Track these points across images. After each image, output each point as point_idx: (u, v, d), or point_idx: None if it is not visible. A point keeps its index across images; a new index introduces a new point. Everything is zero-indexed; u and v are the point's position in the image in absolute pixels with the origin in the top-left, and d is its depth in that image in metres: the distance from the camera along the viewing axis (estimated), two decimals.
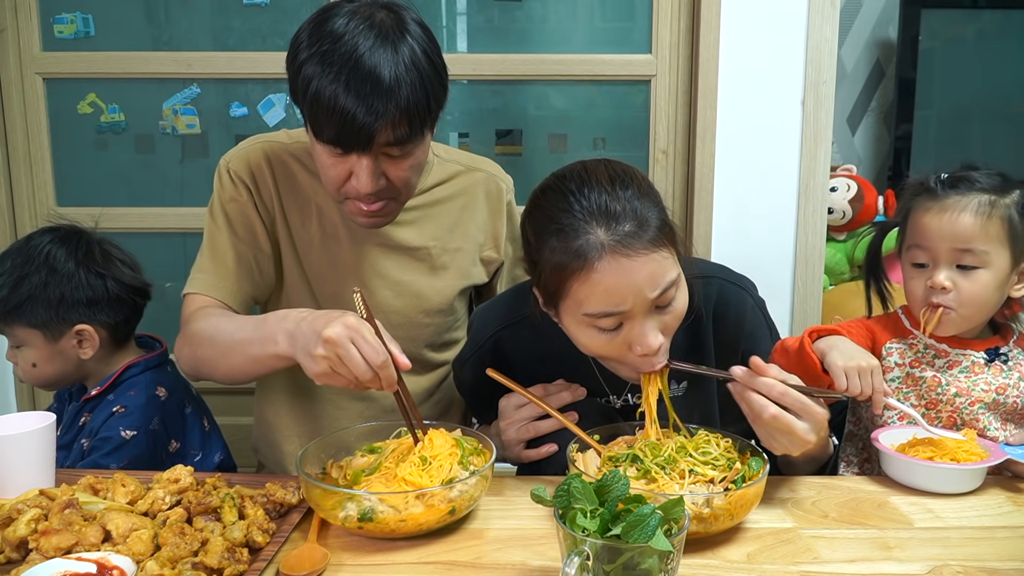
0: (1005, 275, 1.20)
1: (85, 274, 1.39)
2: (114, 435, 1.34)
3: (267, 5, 2.16)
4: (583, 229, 0.99)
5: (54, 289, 1.36)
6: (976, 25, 2.80)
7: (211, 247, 1.33)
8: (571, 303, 1.03)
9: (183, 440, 1.45)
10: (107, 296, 1.40)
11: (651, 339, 1.03)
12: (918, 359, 1.27)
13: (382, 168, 1.18)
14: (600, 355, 1.10)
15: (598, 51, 2.20)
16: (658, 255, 1.00)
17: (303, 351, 1.03)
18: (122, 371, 1.42)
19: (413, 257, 1.39)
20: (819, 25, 2.03)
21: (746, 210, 2.12)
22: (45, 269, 1.37)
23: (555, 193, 1.04)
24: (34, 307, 1.36)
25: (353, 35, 1.09)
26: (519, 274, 1.54)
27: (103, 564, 0.83)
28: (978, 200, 1.19)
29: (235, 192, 1.33)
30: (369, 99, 1.08)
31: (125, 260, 1.46)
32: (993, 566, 0.92)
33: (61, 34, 2.16)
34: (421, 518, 0.95)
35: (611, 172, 1.04)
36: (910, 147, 2.76)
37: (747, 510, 0.98)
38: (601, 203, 1.00)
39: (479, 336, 1.27)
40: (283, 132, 1.41)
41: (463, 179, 1.44)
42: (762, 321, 1.25)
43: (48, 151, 2.21)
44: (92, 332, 1.39)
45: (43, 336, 1.38)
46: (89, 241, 1.43)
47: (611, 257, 0.98)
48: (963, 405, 1.23)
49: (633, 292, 1.00)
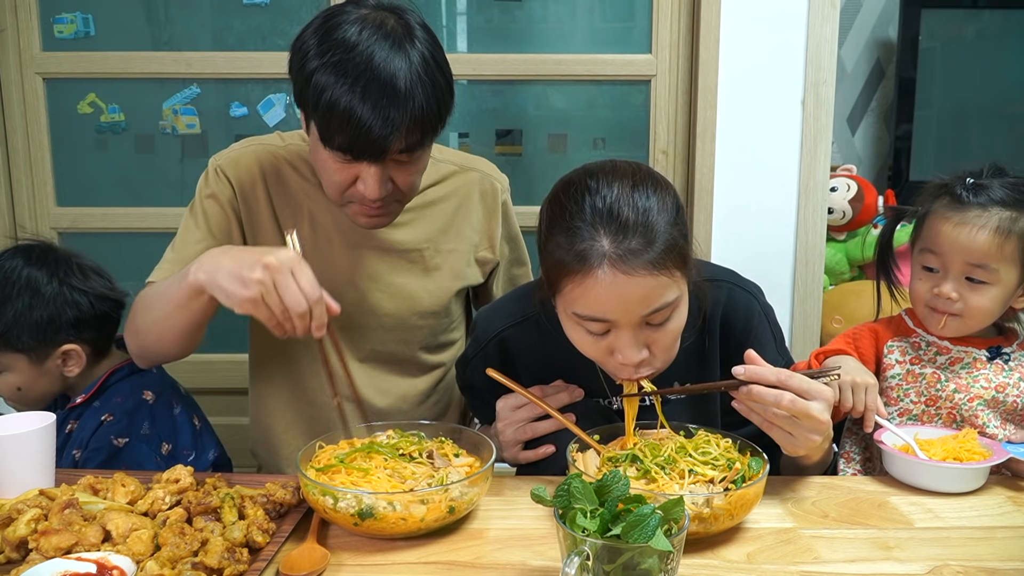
0: (1012, 291, 1.21)
1: (69, 293, 1.36)
2: (105, 445, 1.33)
3: (267, 5, 2.16)
4: (589, 234, 0.99)
5: (40, 312, 1.33)
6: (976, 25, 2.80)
7: (181, 241, 1.32)
8: (565, 299, 1.04)
9: (175, 441, 1.43)
10: (92, 313, 1.39)
11: (631, 352, 1.03)
12: (919, 356, 1.28)
13: (389, 174, 1.18)
14: (586, 354, 1.10)
15: (598, 51, 2.20)
16: (657, 277, 0.98)
17: (234, 276, 1.02)
18: (106, 377, 1.41)
19: (406, 259, 1.39)
20: (819, 25, 2.03)
21: (746, 210, 2.12)
22: (28, 293, 1.34)
23: (575, 189, 1.03)
24: (19, 333, 1.33)
25: (368, 43, 1.09)
26: (516, 274, 1.54)
27: (103, 564, 0.83)
28: (999, 217, 1.17)
29: (217, 190, 1.32)
30: (386, 110, 1.08)
31: (99, 271, 1.44)
32: (993, 566, 0.92)
33: (61, 34, 2.16)
34: (420, 517, 0.94)
35: (636, 179, 1.02)
36: (910, 147, 2.76)
37: (747, 510, 0.98)
38: (615, 210, 0.99)
39: (483, 336, 1.27)
40: (277, 135, 1.40)
41: (457, 179, 1.44)
42: (768, 327, 1.25)
43: (48, 151, 2.20)
44: (79, 351, 1.38)
45: (28, 360, 1.36)
46: (66, 258, 1.40)
47: (609, 268, 0.97)
48: (962, 401, 1.24)
49: (623, 307, 1.00)
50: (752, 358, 1.03)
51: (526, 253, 1.57)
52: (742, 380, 1.02)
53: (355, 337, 1.39)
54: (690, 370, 1.22)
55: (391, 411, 1.43)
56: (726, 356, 1.22)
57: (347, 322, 1.38)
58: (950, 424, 1.25)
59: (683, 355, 1.17)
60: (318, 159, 1.20)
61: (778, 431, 1.03)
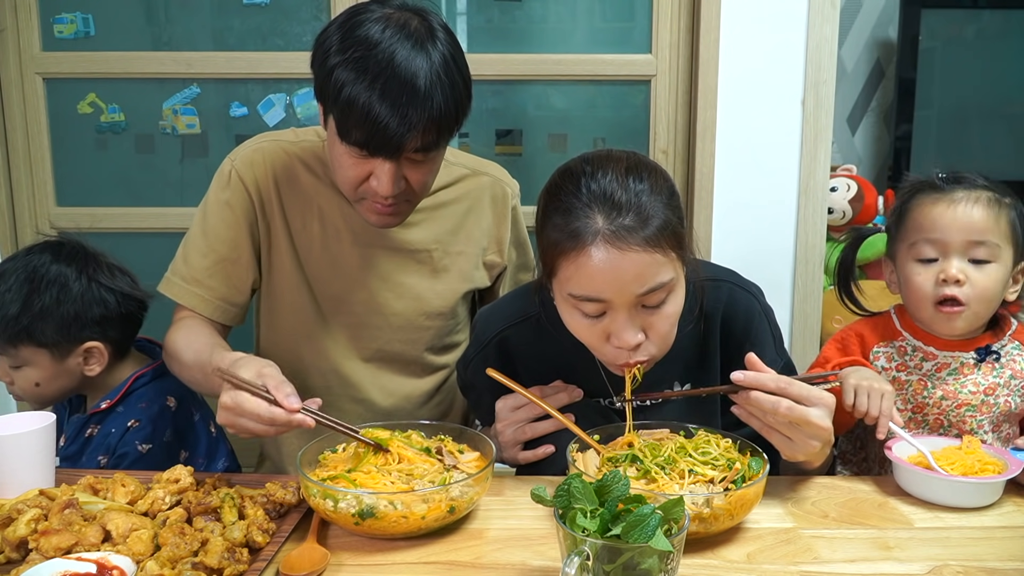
0: (1010, 271, 1.20)
1: (97, 290, 1.37)
2: (131, 451, 1.33)
3: (267, 5, 2.16)
4: (584, 213, 1.00)
5: (67, 307, 1.33)
6: (976, 25, 2.80)
7: (191, 251, 1.34)
8: (560, 281, 1.05)
9: (192, 449, 1.44)
10: (118, 312, 1.39)
11: (628, 335, 1.03)
12: (904, 363, 1.26)
13: (403, 172, 1.19)
14: (581, 339, 1.11)
15: (598, 51, 2.20)
16: (652, 255, 0.99)
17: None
18: (132, 382, 1.40)
19: (414, 259, 1.39)
20: (819, 25, 2.03)
21: (746, 210, 2.12)
22: (56, 287, 1.34)
23: (572, 174, 1.05)
24: (44, 327, 1.33)
25: (390, 42, 1.10)
26: (522, 279, 1.54)
27: (103, 564, 0.83)
28: (987, 196, 1.18)
29: (233, 199, 1.33)
30: (404, 108, 1.09)
31: (126, 272, 1.44)
32: (993, 566, 0.92)
33: (61, 34, 2.16)
34: (421, 516, 0.94)
35: (630, 164, 1.04)
36: (910, 147, 2.76)
37: (747, 510, 0.98)
38: (609, 191, 1.00)
39: (483, 336, 1.27)
40: (291, 131, 1.40)
41: (469, 183, 1.44)
42: (768, 328, 1.25)
43: (48, 151, 2.21)
44: (102, 349, 1.38)
45: (50, 355, 1.35)
46: (95, 256, 1.41)
47: (603, 245, 0.99)
48: (949, 408, 1.22)
49: (618, 284, 1.00)
50: (752, 363, 1.03)
51: (533, 259, 1.57)
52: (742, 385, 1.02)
53: (362, 336, 1.39)
54: (690, 370, 1.22)
55: (394, 411, 1.43)
56: (726, 356, 1.22)
57: (355, 321, 1.38)
58: (937, 430, 1.24)
59: (683, 354, 1.17)
60: (334, 153, 1.21)
61: (777, 436, 1.03)
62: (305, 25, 2.15)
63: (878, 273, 1.32)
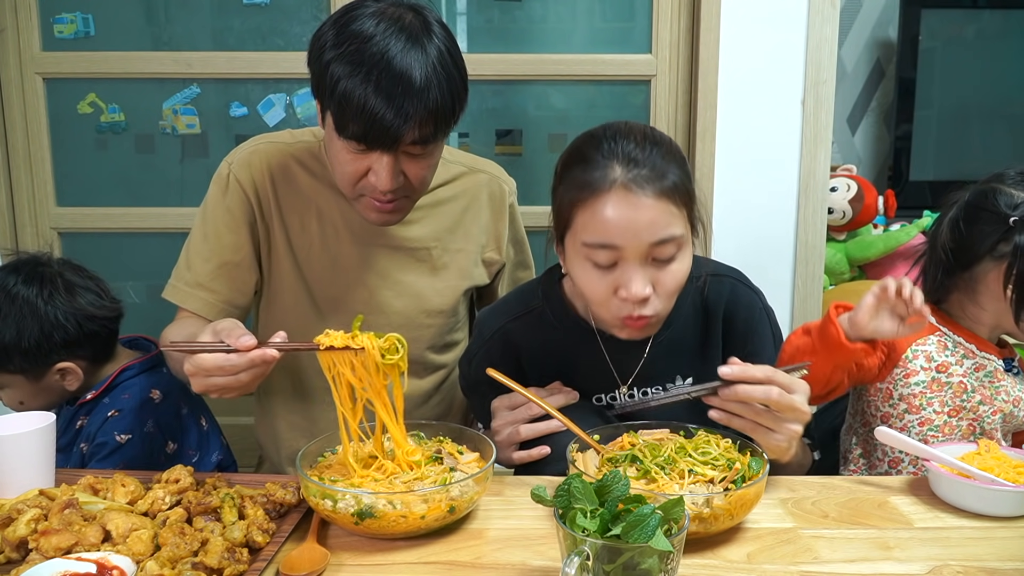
0: None
1: (55, 315, 1.35)
2: (109, 440, 1.34)
3: (267, 5, 2.16)
4: (604, 164, 1.06)
5: (28, 339, 1.33)
6: (976, 25, 2.80)
7: (192, 256, 1.34)
8: (575, 231, 1.08)
9: (180, 441, 1.44)
10: (81, 334, 1.38)
11: (637, 285, 1.05)
12: (947, 362, 1.24)
13: (401, 166, 1.19)
14: (591, 297, 1.12)
15: (598, 51, 2.20)
16: (665, 205, 1.04)
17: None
18: (117, 374, 1.41)
19: (414, 257, 1.39)
20: (819, 25, 2.03)
21: (746, 210, 2.12)
22: (13, 319, 1.33)
23: (592, 136, 1.12)
24: (11, 357, 1.34)
25: (384, 36, 1.11)
26: (520, 277, 1.54)
27: (103, 564, 0.83)
28: None
29: (234, 204, 1.33)
30: (399, 100, 1.10)
31: (90, 287, 1.41)
32: (993, 566, 0.92)
33: (61, 34, 2.16)
34: (421, 515, 0.94)
35: (647, 132, 1.11)
36: (910, 147, 2.76)
37: (747, 510, 0.98)
38: (628, 150, 1.07)
39: (486, 331, 1.27)
40: (287, 132, 1.41)
41: (466, 180, 1.44)
42: (768, 326, 1.26)
43: (48, 151, 2.21)
44: (74, 367, 1.38)
45: (25, 379, 1.37)
46: (52, 277, 1.38)
47: (620, 191, 1.04)
48: (986, 414, 1.21)
49: (631, 231, 1.03)
50: (734, 362, 1.04)
51: (531, 257, 1.57)
52: (725, 380, 1.02)
53: None
54: (692, 364, 1.23)
55: None
56: (728, 351, 1.22)
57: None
58: (968, 436, 1.22)
59: (686, 348, 1.17)
60: (332, 150, 1.21)
61: (762, 430, 1.04)
62: (305, 25, 2.15)
63: (878, 273, 1.31)
